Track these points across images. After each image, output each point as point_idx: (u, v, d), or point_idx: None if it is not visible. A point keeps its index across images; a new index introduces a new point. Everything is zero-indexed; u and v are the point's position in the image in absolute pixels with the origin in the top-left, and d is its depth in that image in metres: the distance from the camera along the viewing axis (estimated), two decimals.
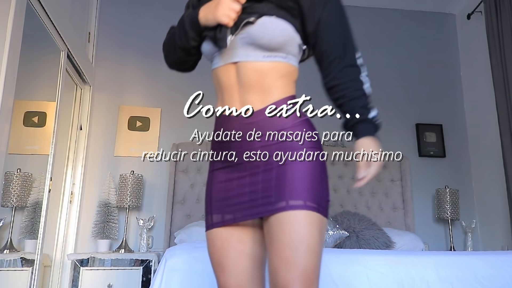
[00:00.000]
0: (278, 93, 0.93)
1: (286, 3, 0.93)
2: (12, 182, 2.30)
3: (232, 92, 0.94)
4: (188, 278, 1.39)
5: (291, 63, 0.96)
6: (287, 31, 0.91)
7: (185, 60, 1.05)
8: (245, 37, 0.91)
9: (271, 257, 0.87)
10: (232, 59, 0.93)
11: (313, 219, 0.86)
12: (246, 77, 0.92)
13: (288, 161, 0.89)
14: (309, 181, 0.89)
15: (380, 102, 3.57)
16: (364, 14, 3.47)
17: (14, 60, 1.69)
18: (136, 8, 3.16)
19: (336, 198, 2.96)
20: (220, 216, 0.96)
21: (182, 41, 0.98)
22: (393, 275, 1.46)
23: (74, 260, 2.42)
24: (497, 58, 2.77)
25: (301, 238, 0.84)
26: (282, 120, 0.90)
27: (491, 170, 3.02)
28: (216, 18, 0.90)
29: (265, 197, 0.89)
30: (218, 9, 0.89)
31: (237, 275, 0.94)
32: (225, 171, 0.96)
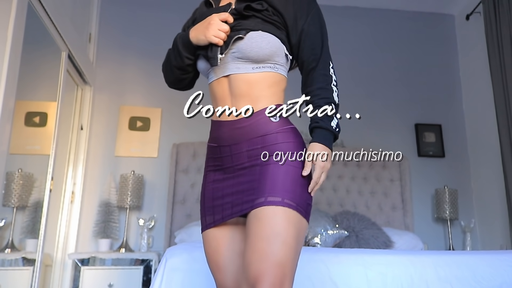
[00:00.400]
0: (266, 101, 0.98)
1: (271, 18, 1.00)
2: (13, 182, 2.31)
3: (225, 101, 1.00)
4: (188, 278, 1.40)
5: (279, 72, 1.01)
6: (273, 42, 0.98)
7: (182, 78, 1.11)
8: (235, 52, 0.98)
9: (246, 250, 0.89)
10: (224, 73, 1.00)
11: (290, 216, 0.88)
12: (237, 88, 0.98)
13: (271, 164, 0.94)
14: (289, 182, 0.92)
15: (379, 102, 3.63)
16: (363, 15, 3.48)
17: (15, 61, 1.69)
18: (137, 8, 3.17)
19: (335, 198, 2.97)
20: (212, 217, 1.01)
21: (177, 61, 1.05)
22: (393, 274, 1.47)
23: (75, 259, 2.43)
24: (496, 58, 2.78)
25: (276, 232, 0.86)
26: (267, 126, 0.96)
27: (490, 170, 3.03)
28: (207, 38, 0.97)
29: (248, 195, 0.94)
30: (209, 30, 0.96)
31: (232, 274, 0.98)
32: (217, 173, 1.02)
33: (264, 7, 0.99)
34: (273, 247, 0.85)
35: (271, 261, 0.84)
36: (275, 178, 0.92)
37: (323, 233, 2.37)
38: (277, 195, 0.89)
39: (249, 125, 0.96)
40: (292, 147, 0.96)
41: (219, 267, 1.00)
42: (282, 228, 0.86)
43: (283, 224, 0.87)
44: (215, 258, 1.00)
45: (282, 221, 0.87)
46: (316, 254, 1.51)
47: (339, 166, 3.04)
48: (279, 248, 0.85)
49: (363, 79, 3.33)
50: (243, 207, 0.94)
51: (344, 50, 3.37)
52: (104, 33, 3.06)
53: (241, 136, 0.97)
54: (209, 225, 1.01)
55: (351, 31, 3.43)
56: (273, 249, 0.84)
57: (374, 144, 3.19)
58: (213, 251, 1.00)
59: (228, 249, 0.99)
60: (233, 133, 0.98)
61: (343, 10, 3.46)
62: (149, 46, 3.10)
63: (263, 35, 0.97)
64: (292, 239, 0.87)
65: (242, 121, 0.96)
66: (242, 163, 0.97)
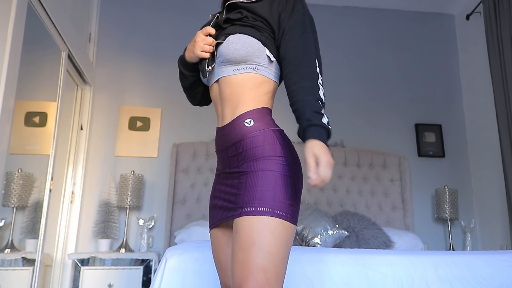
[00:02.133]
0: (247, 105, 1.00)
1: (252, 23, 1.04)
2: (13, 182, 2.31)
3: (218, 105, 1.08)
4: (188, 278, 1.40)
5: (262, 74, 1.02)
6: (249, 43, 1.00)
7: (195, 93, 1.19)
8: (219, 57, 1.04)
9: (231, 261, 0.91)
10: (214, 79, 1.07)
11: (266, 223, 0.89)
12: (223, 91, 1.04)
13: (246, 173, 0.96)
14: (266, 188, 0.92)
15: (379, 102, 3.63)
16: (364, 15, 3.48)
17: (15, 61, 1.69)
18: (137, 8, 3.17)
19: (335, 198, 2.97)
20: (213, 218, 1.07)
21: (184, 81, 1.16)
22: (393, 274, 1.47)
23: (74, 259, 2.43)
24: (496, 58, 2.78)
25: (251, 241, 0.88)
26: (240, 131, 0.98)
27: (490, 170, 3.02)
28: (196, 55, 1.07)
29: (231, 203, 0.98)
30: (195, 47, 1.06)
31: None
32: (217, 177, 1.09)
33: (244, 14, 1.05)
34: (251, 255, 0.87)
35: (250, 267, 0.86)
36: (250, 187, 0.93)
37: (323, 233, 2.37)
38: (251, 205, 0.91)
39: (229, 131, 1.01)
40: (266, 151, 0.95)
41: (221, 265, 1.04)
42: (256, 237, 0.88)
43: (257, 232, 0.88)
44: (217, 256, 1.06)
45: (256, 229, 0.89)
46: (316, 254, 1.51)
47: (339, 166, 3.03)
48: (257, 255, 0.86)
49: (363, 79, 3.33)
50: (228, 214, 0.99)
51: (344, 50, 3.37)
52: (104, 33, 3.06)
53: (224, 142, 1.02)
54: (212, 225, 1.07)
55: (351, 31, 3.42)
56: (251, 257, 0.86)
57: (374, 144, 3.20)
58: (215, 250, 1.06)
59: (228, 248, 1.03)
60: (221, 139, 1.04)
61: (343, 10, 3.46)
62: (149, 46, 3.10)
63: (240, 37, 1.01)
64: (270, 246, 0.87)
65: (225, 128, 1.02)
66: (227, 169, 1.02)
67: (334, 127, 3.28)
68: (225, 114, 1.03)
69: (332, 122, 1.08)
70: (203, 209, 2.77)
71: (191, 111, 3.03)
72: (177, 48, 3.77)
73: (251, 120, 0.99)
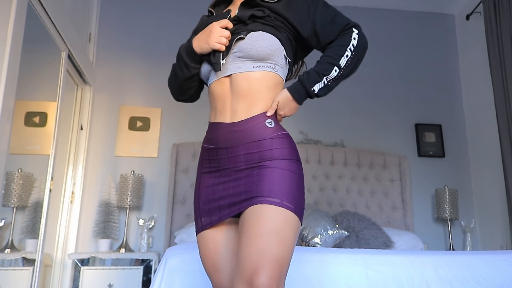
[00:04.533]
0: (262, 105, 1.01)
1: (272, 22, 1.04)
2: (13, 182, 2.31)
3: (225, 100, 1.03)
4: (188, 278, 1.40)
5: (278, 73, 1.04)
6: (273, 42, 1.01)
7: (189, 87, 1.14)
8: (237, 52, 1.02)
9: (242, 245, 0.89)
10: (225, 74, 1.03)
11: (289, 217, 0.90)
12: (238, 86, 1.01)
13: (268, 168, 0.96)
14: (287, 185, 0.94)
15: (379, 102, 3.63)
16: (364, 15, 3.48)
17: (15, 61, 1.69)
18: (137, 8, 3.17)
19: (335, 198, 2.97)
20: (208, 218, 1.02)
21: (184, 72, 1.09)
22: (393, 274, 1.46)
23: (74, 259, 2.43)
24: (496, 58, 2.78)
25: (275, 230, 0.88)
26: (263, 131, 0.99)
27: (490, 170, 3.02)
28: (210, 46, 1.02)
29: (245, 196, 0.96)
30: (211, 38, 1.01)
31: (230, 273, 0.99)
32: (212, 175, 1.04)
33: (266, 13, 1.04)
34: (271, 243, 0.86)
35: (269, 256, 0.85)
36: (272, 181, 0.93)
37: (323, 233, 2.37)
38: (276, 197, 0.91)
39: (245, 129, 0.99)
40: (286, 153, 0.98)
41: (216, 268, 1.01)
42: (280, 227, 0.88)
43: (282, 223, 0.89)
44: (212, 259, 1.01)
45: (280, 221, 0.89)
46: (316, 254, 1.51)
47: (339, 166, 3.04)
48: (277, 245, 0.86)
49: (363, 79, 3.33)
50: (241, 205, 0.95)
51: None
52: (104, 33, 3.06)
53: (237, 139, 0.99)
54: (205, 226, 1.02)
55: None
56: (271, 245, 0.86)
57: (374, 144, 3.20)
58: (210, 252, 1.02)
59: (225, 249, 1.01)
60: (230, 136, 1.00)
61: (342, 10, 3.43)
62: (149, 46, 3.10)
63: (263, 34, 1.01)
64: (289, 239, 0.89)
65: (238, 125, 0.99)
66: (238, 166, 0.99)
67: (335, 127, 3.31)
68: (238, 110, 1.00)
69: (332, 122, 1.10)
70: None
71: (191, 111, 3.03)
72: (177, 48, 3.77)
73: (271, 121, 1.01)
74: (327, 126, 3.15)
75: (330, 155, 3.03)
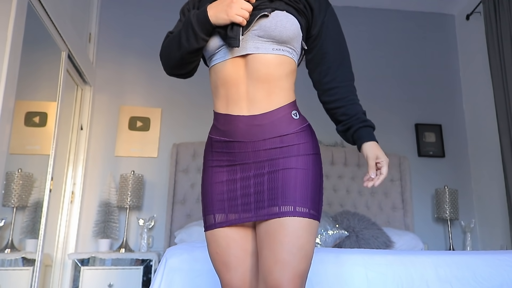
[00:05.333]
0: (283, 96, 0.94)
1: (296, 4, 0.98)
2: (13, 182, 2.31)
3: (239, 86, 0.93)
4: (188, 278, 1.40)
5: (295, 60, 0.99)
6: (296, 25, 0.95)
7: (191, 62, 1.00)
8: (257, 30, 0.92)
9: (266, 257, 0.88)
10: (241, 53, 0.92)
11: (313, 227, 0.90)
12: (255, 70, 0.92)
13: (293, 166, 0.92)
14: (312, 188, 0.92)
15: (379, 102, 3.63)
16: (364, 15, 3.48)
17: (15, 61, 1.69)
18: (137, 9, 3.17)
19: (336, 198, 2.97)
20: (224, 216, 0.95)
21: (191, 43, 0.94)
22: (393, 274, 1.46)
23: (75, 259, 2.43)
24: (496, 58, 2.78)
25: (301, 245, 0.87)
26: (287, 126, 0.93)
27: (490, 170, 3.02)
28: (229, 17, 0.89)
29: (271, 199, 0.91)
30: (232, 8, 0.89)
31: (242, 273, 0.95)
32: (226, 169, 0.96)
33: None
34: (296, 260, 0.86)
35: (293, 273, 0.85)
36: (298, 184, 0.90)
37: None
38: (304, 205, 0.89)
39: (270, 123, 0.91)
40: (309, 148, 0.95)
41: (228, 266, 0.95)
42: (306, 241, 0.87)
43: (308, 237, 0.88)
44: (224, 257, 0.95)
45: (307, 234, 0.88)
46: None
47: (339, 166, 3.04)
48: (302, 261, 0.86)
49: (363, 79, 3.32)
50: (266, 211, 0.90)
51: None
52: (104, 33, 3.07)
53: (260, 134, 0.91)
54: (219, 224, 0.95)
55: (351, 31, 3.41)
56: (296, 262, 0.85)
57: None
58: (222, 250, 0.95)
59: (240, 249, 0.95)
60: (251, 130, 0.92)
61: (343, 10, 3.45)
62: (148, 47, 3.10)
63: (288, 16, 0.93)
64: (311, 252, 0.90)
65: (261, 118, 0.91)
66: (261, 162, 0.93)
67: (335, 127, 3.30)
68: (257, 98, 0.91)
69: (332, 122, 1.10)
70: None
71: (191, 111, 3.03)
72: None
73: (296, 112, 0.95)
74: (327, 126, 3.14)
75: (330, 155, 3.03)
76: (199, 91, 3.04)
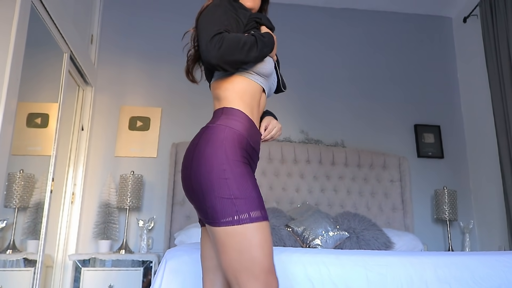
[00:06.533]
0: None
1: None
2: (15, 183, 2.31)
3: (259, 111, 1.15)
4: (188, 279, 1.40)
5: None
6: None
7: (239, 66, 1.09)
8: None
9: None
10: (272, 92, 1.21)
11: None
12: (263, 104, 1.19)
13: None
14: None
15: (379, 104, 3.65)
16: (362, 17, 3.50)
17: (17, 63, 1.70)
18: (138, 11, 3.19)
19: (336, 199, 2.99)
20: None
21: (265, 53, 1.10)
22: (392, 275, 1.48)
23: (75, 260, 2.43)
24: (493, 60, 2.80)
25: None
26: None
27: (488, 171, 3.04)
28: (274, 59, 1.17)
29: None
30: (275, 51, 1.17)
31: None
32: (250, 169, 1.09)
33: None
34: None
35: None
36: None
37: (324, 235, 2.38)
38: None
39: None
40: None
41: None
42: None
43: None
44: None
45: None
46: (317, 256, 1.52)
47: (340, 166, 3.05)
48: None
49: (362, 81, 3.35)
50: None
51: (343, 51, 3.39)
52: (105, 35, 3.08)
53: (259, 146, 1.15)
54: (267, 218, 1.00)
55: (349, 33, 3.45)
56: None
57: (374, 144, 3.22)
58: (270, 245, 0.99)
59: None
60: (259, 143, 1.12)
61: (341, 12, 3.49)
62: (149, 48, 3.12)
63: None
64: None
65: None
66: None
67: (335, 127, 3.32)
68: (258, 121, 1.14)
69: (333, 122, 1.13)
70: None
71: (191, 110, 3.05)
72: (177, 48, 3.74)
73: None
74: (327, 126, 3.16)
75: (331, 155, 3.04)
76: (199, 91, 3.05)
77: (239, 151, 1.01)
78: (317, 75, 3.26)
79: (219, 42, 0.99)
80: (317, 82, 3.24)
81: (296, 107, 3.14)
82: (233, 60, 1.02)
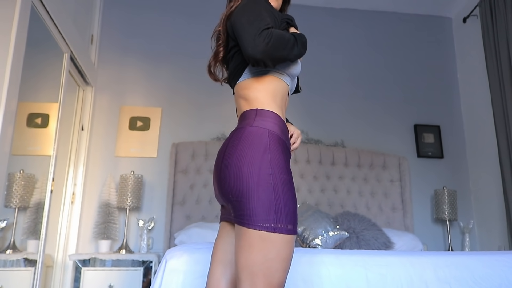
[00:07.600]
0: None
1: None
2: (15, 183, 2.31)
3: (285, 111, 1.16)
4: (188, 280, 1.40)
5: None
6: None
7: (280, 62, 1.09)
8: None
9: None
10: (291, 92, 1.20)
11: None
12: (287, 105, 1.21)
13: None
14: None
15: (379, 104, 3.65)
16: (362, 17, 3.50)
17: (18, 63, 1.71)
18: (138, 11, 3.19)
19: (336, 199, 2.99)
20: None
21: (303, 52, 1.11)
22: (392, 275, 1.48)
23: (75, 260, 2.44)
24: (493, 60, 2.80)
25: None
26: None
27: (488, 171, 3.05)
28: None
29: None
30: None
31: None
32: None
33: None
34: None
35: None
36: None
37: (324, 235, 2.38)
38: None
39: None
40: None
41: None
42: None
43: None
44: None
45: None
46: (317, 256, 1.52)
47: (340, 166, 3.05)
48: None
49: (362, 81, 3.35)
50: None
51: (343, 51, 3.39)
52: (105, 35, 3.08)
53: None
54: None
55: (349, 33, 3.45)
56: None
57: (374, 144, 3.22)
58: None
59: None
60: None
61: (341, 12, 3.49)
62: (149, 48, 3.12)
63: None
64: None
65: None
66: None
67: (335, 127, 3.33)
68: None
69: (333, 122, 1.13)
70: (202, 210, 2.78)
71: (191, 110, 3.05)
72: (177, 49, 3.77)
73: None
74: (327, 126, 3.17)
75: (331, 155, 3.05)
76: (199, 91, 3.05)
77: (283, 155, 1.00)
78: (317, 75, 3.26)
79: (268, 37, 0.98)
80: (317, 82, 3.24)
81: (296, 107, 3.14)
82: (278, 56, 1.01)
